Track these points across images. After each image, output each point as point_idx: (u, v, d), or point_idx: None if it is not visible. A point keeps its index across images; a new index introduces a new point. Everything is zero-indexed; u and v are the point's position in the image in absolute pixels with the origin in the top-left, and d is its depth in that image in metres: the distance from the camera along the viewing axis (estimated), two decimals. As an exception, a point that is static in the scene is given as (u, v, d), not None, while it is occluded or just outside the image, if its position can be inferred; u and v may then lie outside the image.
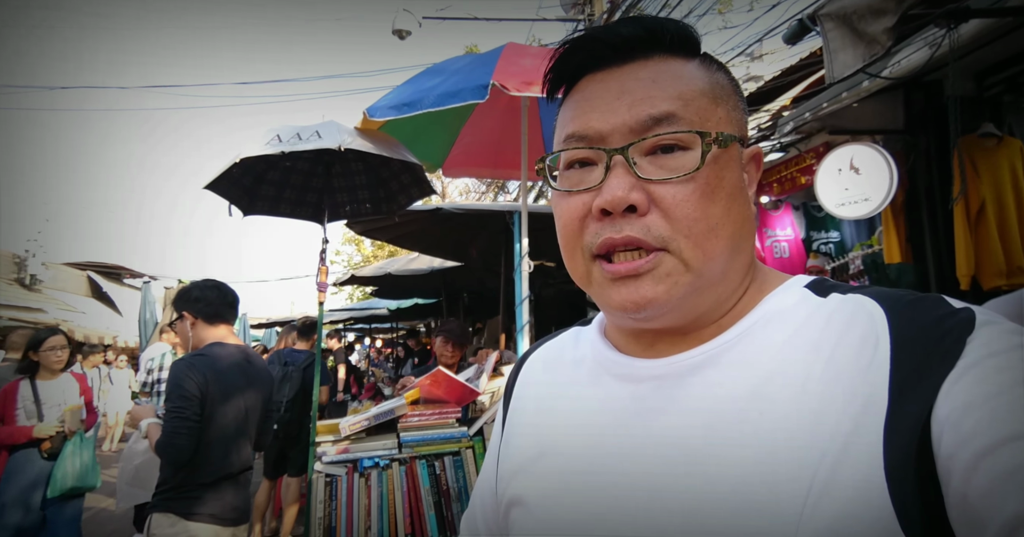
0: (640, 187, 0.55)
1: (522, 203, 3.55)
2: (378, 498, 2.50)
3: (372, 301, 14.60)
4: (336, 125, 3.30)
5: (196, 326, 2.56)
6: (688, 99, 0.57)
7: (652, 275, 0.55)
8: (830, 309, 0.55)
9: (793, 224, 4.92)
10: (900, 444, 0.44)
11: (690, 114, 0.56)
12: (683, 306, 0.57)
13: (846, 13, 1.77)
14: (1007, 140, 3.21)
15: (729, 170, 0.57)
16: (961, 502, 0.42)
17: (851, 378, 0.49)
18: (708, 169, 0.55)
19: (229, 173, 3.42)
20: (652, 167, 0.56)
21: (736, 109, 0.61)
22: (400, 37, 8.17)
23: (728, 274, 0.58)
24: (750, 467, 0.49)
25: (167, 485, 2.31)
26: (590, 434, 0.61)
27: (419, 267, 8.23)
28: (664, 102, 0.56)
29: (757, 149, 0.64)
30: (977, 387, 0.43)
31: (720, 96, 0.59)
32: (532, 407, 0.71)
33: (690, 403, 0.55)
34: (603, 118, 0.57)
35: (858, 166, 3.32)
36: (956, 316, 0.48)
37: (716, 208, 0.55)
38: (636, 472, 0.55)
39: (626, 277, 0.56)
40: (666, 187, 0.55)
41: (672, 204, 0.54)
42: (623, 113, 0.57)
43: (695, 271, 0.55)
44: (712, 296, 0.58)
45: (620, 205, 0.55)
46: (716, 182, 0.56)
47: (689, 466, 0.52)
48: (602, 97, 0.59)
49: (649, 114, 0.56)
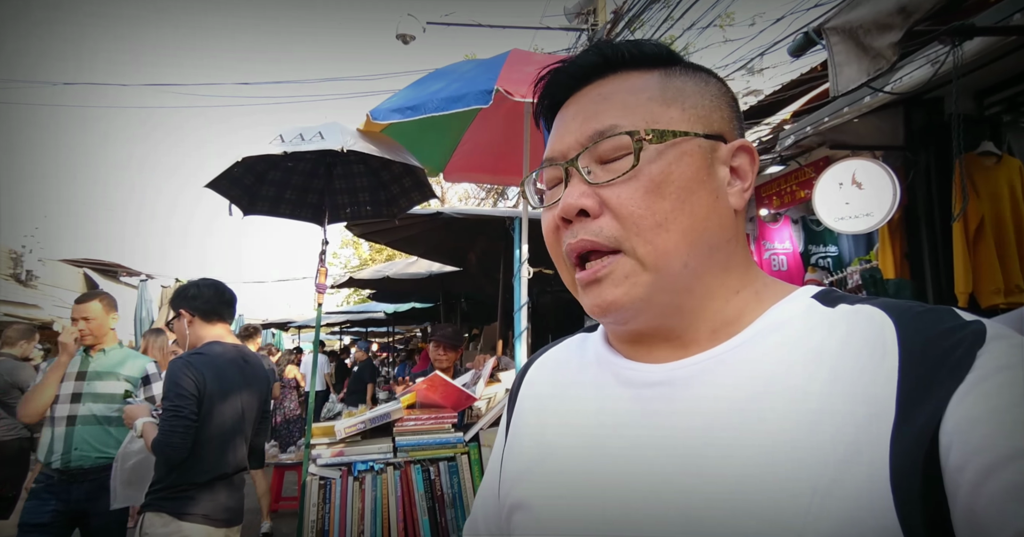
0: (591, 193, 0.58)
1: (522, 209, 3.56)
2: (372, 502, 2.49)
3: (369, 304, 14.58)
4: (339, 126, 3.31)
5: (193, 324, 2.55)
6: (632, 107, 0.60)
7: (611, 279, 0.58)
8: (837, 319, 0.55)
9: (791, 237, 4.94)
10: (907, 455, 0.44)
11: (634, 121, 0.59)
12: (651, 306, 0.58)
13: (852, 27, 1.79)
14: (1006, 159, 3.23)
15: (682, 164, 0.57)
16: (968, 515, 0.42)
17: (857, 387, 0.49)
18: (651, 165, 0.57)
19: (230, 172, 3.42)
20: (603, 173, 0.59)
21: (700, 107, 0.61)
22: (404, 42, 8.21)
23: (698, 269, 0.58)
24: (751, 470, 0.49)
25: (161, 484, 2.29)
26: (593, 437, 0.61)
27: (418, 271, 8.22)
28: (607, 115, 0.60)
29: (744, 142, 0.63)
30: (987, 401, 0.43)
31: (674, 98, 0.61)
32: (537, 410, 0.71)
33: (693, 406, 0.56)
34: (562, 139, 0.62)
35: (861, 181, 3.34)
36: (967, 328, 0.48)
37: (664, 203, 0.56)
38: (638, 474, 0.56)
39: (591, 283, 0.59)
40: (611, 188, 0.58)
41: (617, 203, 0.57)
42: (576, 131, 0.61)
43: (652, 268, 0.57)
44: (683, 293, 0.58)
45: (571, 211, 0.59)
46: (662, 177, 0.57)
47: (691, 468, 0.53)
48: (563, 120, 0.64)
49: (594, 128, 0.60)
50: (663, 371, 0.59)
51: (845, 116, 3.22)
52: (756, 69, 7.73)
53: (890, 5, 1.67)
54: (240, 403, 2.46)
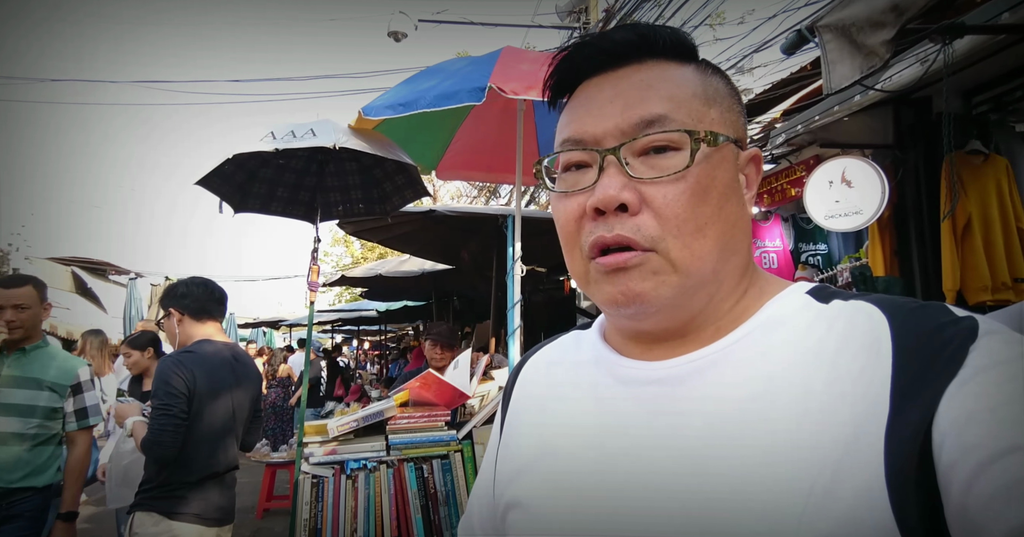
0: (632, 187, 0.56)
1: (516, 207, 3.56)
2: (365, 501, 2.49)
3: (361, 302, 14.54)
4: (331, 123, 3.29)
5: (183, 323, 2.54)
6: (680, 101, 0.58)
7: (639, 270, 0.56)
8: (832, 315, 0.55)
9: (782, 235, 4.97)
10: (901, 451, 0.45)
11: (681, 115, 0.57)
12: (672, 306, 0.57)
13: (845, 25, 1.80)
14: (993, 157, 3.26)
15: (722, 170, 0.58)
16: (961, 511, 0.42)
17: (853, 384, 0.49)
18: (698, 168, 0.56)
19: (221, 169, 3.40)
20: (644, 167, 0.57)
21: (731, 111, 0.62)
22: (396, 39, 8.19)
23: (720, 275, 0.58)
24: (750, 469, 0.50)
25: (151, 483, 2.28)
26: (590, 435, 0.61)
27: (410, 269, 8.21)
28: (656, 104, 0.57)
29: (756, 151, 0.64)
30: (979, 397, 0.43)
31: (714, 98, 0.60)
32: (532, 408, 0.71)
33: (691, 405, 0.56)
34: (596, 122, 0.59)
35: (850, 179, 3.36)
36: (959, 324, 0.48)
37: (706, 207, 0.56)
38: (635, 473, 0.56)
39: (616, 270, 0.56)
40: (656, 187, 0.56)
41: (662, 203, 0.55)
42: (616, 116, 0.58)
43: (682, 271, 0.56)
44: (703, 297, 0.58)
45: (612, 203, 0.56)
46: (707, 181, 0.56)
47: (688, 467, 0.53)
48: (596, 101, 0.60)
49: (641, 116, 0.57)
50: (662, 369, 0.59)
51: (835, 115, 3.25)
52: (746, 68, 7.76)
53: (883, 3, 1.67)
54: (231, 402, 2.44)
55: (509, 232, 3.36)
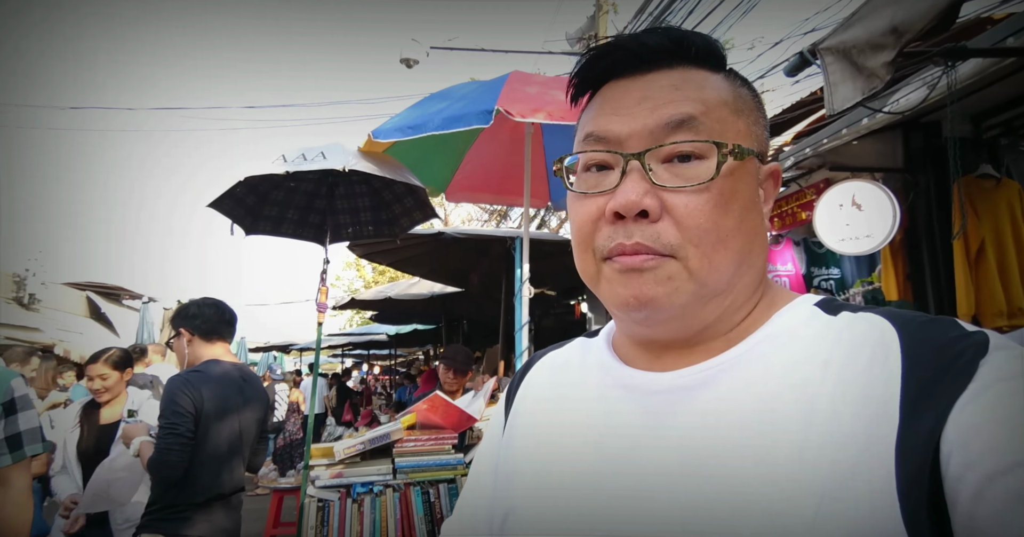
0: (654, 193, 0.55)
1: (524, 230, 3.58)
2: (371, 525, 2.46)
3: (371, 326, 14.55)
4: (341, 147, 3.34)
5: (193, 343, 2.55)
6: (710, 106, 0.57)
7: (655, 274, 0.55)
8: (841, 327, 0.55)
9: (794, 259, 4.94)
10: (912, 463, 0.44)
11: (710, 121, 0.57)
12: (685, 315, 0.57)
13: (845, 47, 1.81)
14: (1005, 182, 3.24)
15: (744, 183, 0.58)
16: (968, 523, 0.42)
17: (861, 395, 0.49)
18: (723, 180, 0.56)
19: (232, 192, 3.45)
20: (668, 175, 0.56)
21: (757, 124, 0.61)
22: (408, 66, 8.32)
23: (735, 287, 0.58)
24: (754, 478, 0.49)
25: (157, 504, 2.26)
26: (593, 441, 0.61)
27: (419, 292, 8.23)
28: (685, 105, 0.57)
29: (776, 166, 0.64)
30: (988, 410, 0.43)
31: (742, 109, 0.60)
32: (536, 411, 0.70)
33: (696, 414, 0.55)
34: (623, 122, 0.58)
35: (860, 202, 3.35)
36: (969, 338, 0.48)
37: (728, 220, 0.56)
38: (640, 477, 0.55)
39: (631, 271, 0.56)
40: (680, 195, 0.55)
41: (684, 213, 0.55)
42: (643, 117, 0.57)
43: (699, 281, 0.55)
44: (716, 308, 0.58)
45: (633, 209, 0.55)
46: (730, 194, 0.56)
47: (694, 472, 0.52)
48: (623, 101, 0.59)
49: (671, 116, 0.56)
50: (668, 380, 0.59)
51: (844, 138, 3.25)
52: (756, 93, 7.80)
53: (882, 25, 1.69)
54: (238, 422, 2.44)
55: (517, 254, 3.37)
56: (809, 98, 4.47)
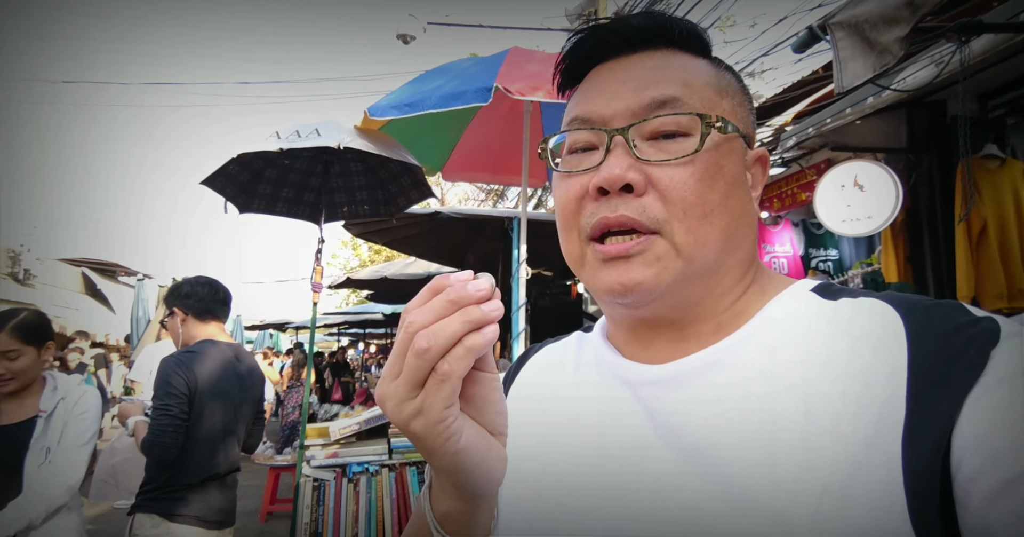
0: (638, 168, 0.55)
1: (521, 209, 3.54)
2: (366, 504, 2.46)
3: (368, 305, 14.56)
4: (336, 124, 3.28)
5: (187, 323, 2.51)
6: (693, 87, 0.57)
7: (642, 257, 0.55)
8: (840, 313, 0.53)
9: (792, 241, 4.92)
10: (920, 458, 0.42)
11: (694, 100, 0.57)
12: (672, 293, 0.56)
13: (858, 22, 1.76)
14: (1010, 162, 3.21)
15: (730, 160, 0.57)
16: (982, 526, 0.40)
17: (865, 384, 0.47)
18: (708, 154, 0.55)
19: (226, 169, 3.40)
20: (653, 150, 0.56)
21: (742, 107, 0.61)
22: (404, 42, 8.19)
23: (722, 266, 0.57)
24: (753, 469, 0.48)
25: (151, 485, 2.25)
26: (589, 434, 0.60)
27: (416, 272, 8.23)
28: (669, 87, 0.57)
29: (763, 151, 0.63)
30: (1004, 407, 0.41)
31: (726, 90, 0.60)
32: (531, 408, 0.69)
33: (692, 405, 0.54)
34: (607, 102, 0.58)
35: (863, 183, 3.31)
36: (978, 325, 0.46)
37: (713, 194, 0.55)
38: (636, 473, 0.54)
39: (616, 258, 0.55)
40: (664, 169, 0.55)
41: (669, 186, 0.54)
42: (627, 97, 0.57)
43: (686, 257, 0.54)
44: (703, 287, 0.57)
45: (617, 183, 0.54)
46: (715, 168, 0.56)
47: (693, 467, 0.51)
48: (607, 83, 0.60)
49: (653, 96, 0.56)
50: (663, 370, 0.58)
51: (847, 117, 3.20)
52: (757, 71, 7.72)
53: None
54: (232, 403, 2.42)
55: (515, 234, 3.33)
56: (811, 77, 4.41)
